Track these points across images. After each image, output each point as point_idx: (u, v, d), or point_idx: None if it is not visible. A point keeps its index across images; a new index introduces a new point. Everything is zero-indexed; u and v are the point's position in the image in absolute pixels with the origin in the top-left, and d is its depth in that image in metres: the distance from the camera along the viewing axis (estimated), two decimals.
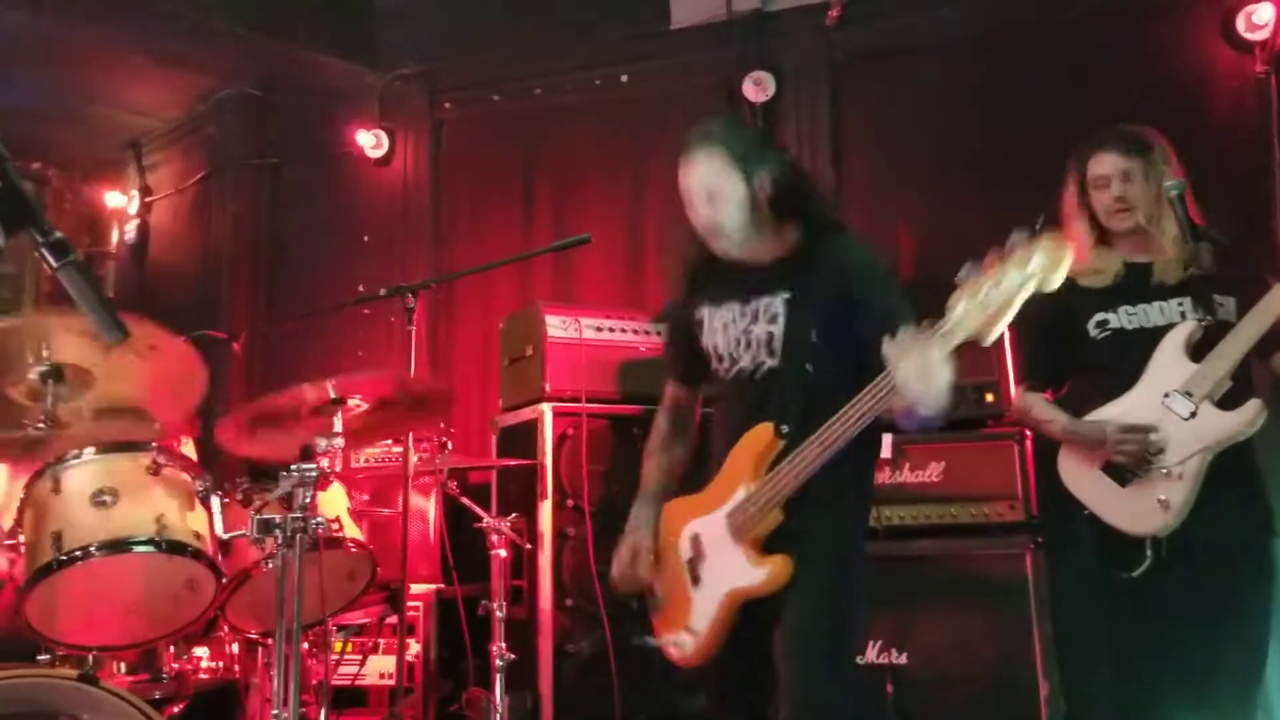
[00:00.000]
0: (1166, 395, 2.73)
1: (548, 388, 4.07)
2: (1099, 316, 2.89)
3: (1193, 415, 2.70)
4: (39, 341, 2.46)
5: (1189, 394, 2.71)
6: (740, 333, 2.54)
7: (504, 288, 5.21)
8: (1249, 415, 2.68)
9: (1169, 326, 2.82)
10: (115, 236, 6.58)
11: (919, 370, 2.07)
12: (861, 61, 4.97)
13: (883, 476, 3.83)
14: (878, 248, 4.68)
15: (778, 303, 2.49)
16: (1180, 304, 2.84)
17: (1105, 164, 2.92)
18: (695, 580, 2.51)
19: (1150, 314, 2.86)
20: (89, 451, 2.77)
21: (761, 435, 2.44)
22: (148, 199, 6.42)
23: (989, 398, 3.78)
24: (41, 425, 2.42)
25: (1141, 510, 2.72)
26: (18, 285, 6.10)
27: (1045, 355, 3.03)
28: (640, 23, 5.34)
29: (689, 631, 2.49)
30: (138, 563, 2.72)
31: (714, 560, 2.48)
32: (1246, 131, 4.25)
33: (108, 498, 2.69)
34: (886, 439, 3.85)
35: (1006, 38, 4.71)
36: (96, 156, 6.49)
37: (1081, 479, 2.85)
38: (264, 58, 5.54)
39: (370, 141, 5.62)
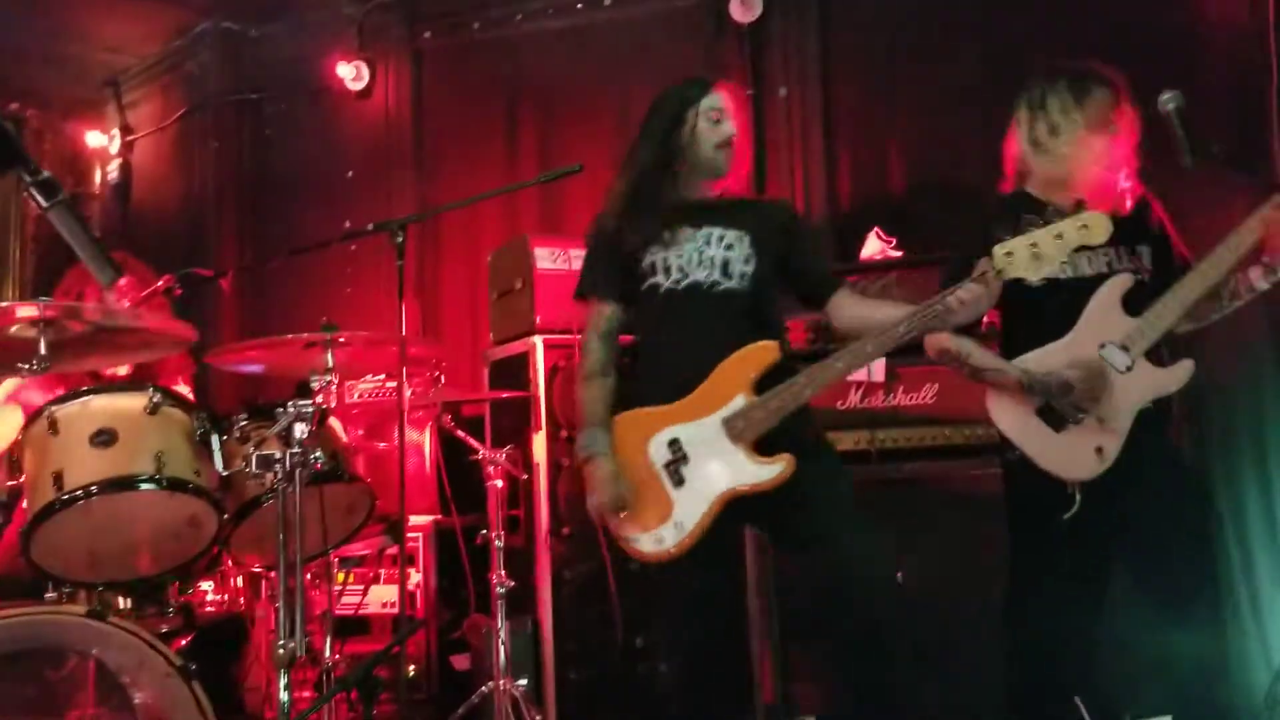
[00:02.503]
0: (1103, 346, 2.81)
1: (538, 320, 4.07)
2: None
3: (1128, 369, 2.80)
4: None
5: (1126, 348, 2.80)
6: (693, 250, 2.76)
7: (490, 220, 5.19)
8: (1181, 375, 2.83)
9: (1098, 277, 2.88)
10: (98, 177, 6.50)
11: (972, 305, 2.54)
12: None
13: (876, 400, 3.87)
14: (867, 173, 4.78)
15: (732, 234, 2.78)
16: (1106, 254, 2.89)
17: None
18: (678, 481, 2.67)
19: (1080, 264, 2.90)
20: (85, 391, 2.77)
21: (763, 353, 2.68)
22: (129, 138, 6.35)
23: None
24: (35, 366, 2.41)
25: (1076, 457, 2.82)
26: (4, 229, 6.05)
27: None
28: None
29: (673, 526, 2.66)
30: (139, 500, 2.74)
31: (703, 462, 2.66)
32: (1243, 40, 4.21)
33: (107, 437, 2.70)
34: (879, 363, 3.90)
35: None
36: (75, 96, 6.40)
37: (1014, 422, 2.90)
38: None
39: (350, 73, 5.56)
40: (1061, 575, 2.93)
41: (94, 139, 6.44)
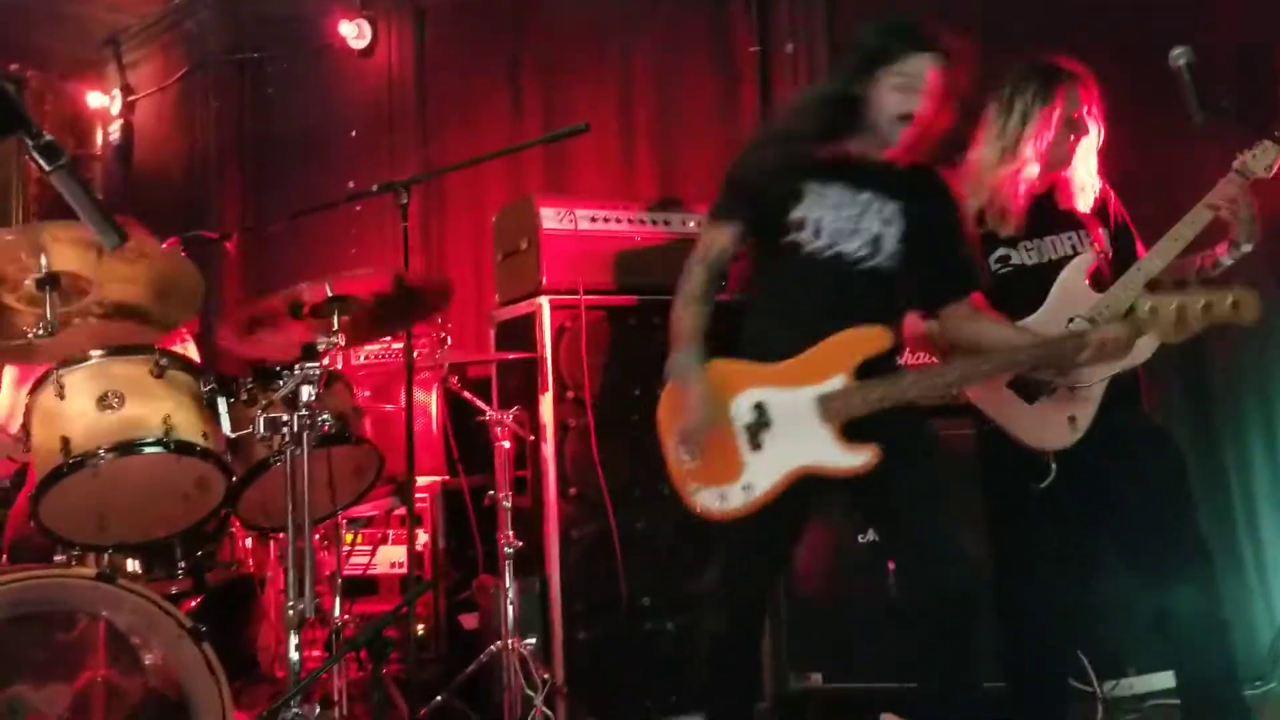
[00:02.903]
0: (1072, 320, 2.85)
1: (544, 281, 4.05)
2: (1000, 252, 2.99)
3: None
4: (35, 250, 2.44)
5: (1094, 321, 2.82)
6: (849, 219, 2.63)
7: (495, 180, 5.16)
8: (1148, 345, 2.81)
9: (1063, 260, 2.93)
10: (99, 138, 6.48)
11: (1112, 348, 2.61)
12: None
13: None
14: None
15: (891, 208, 2.65)
16: (1070, 238, 2.96)
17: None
18: (756, 445, 2.61)
19: (1044, 249, 2.97)
20: (92, 356, 2.77)
21: (874, 337, 2.60)
22: (129, 98, 6.33)
23: None
24: (41, 332, 2.41)
25: (1050, 426, 2.87)
26: (6, 193, 6.03)
27: (939, 285, 2.96)
28: None
29: (742, 489, 2.60)
30: (147, 464, 2.73)
31: (786, 432, 2.59)
32: None
33: (114, 401, 2.70)
34: None
35: None
36: (75, 56, 6.37)
37: (987, 394, 2.93)
38: None
39: (352, 32, 5.52)
40: (1046, 547, 2.98)
41: (95, 99, 6.43)
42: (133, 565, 2.95)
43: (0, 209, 6.01)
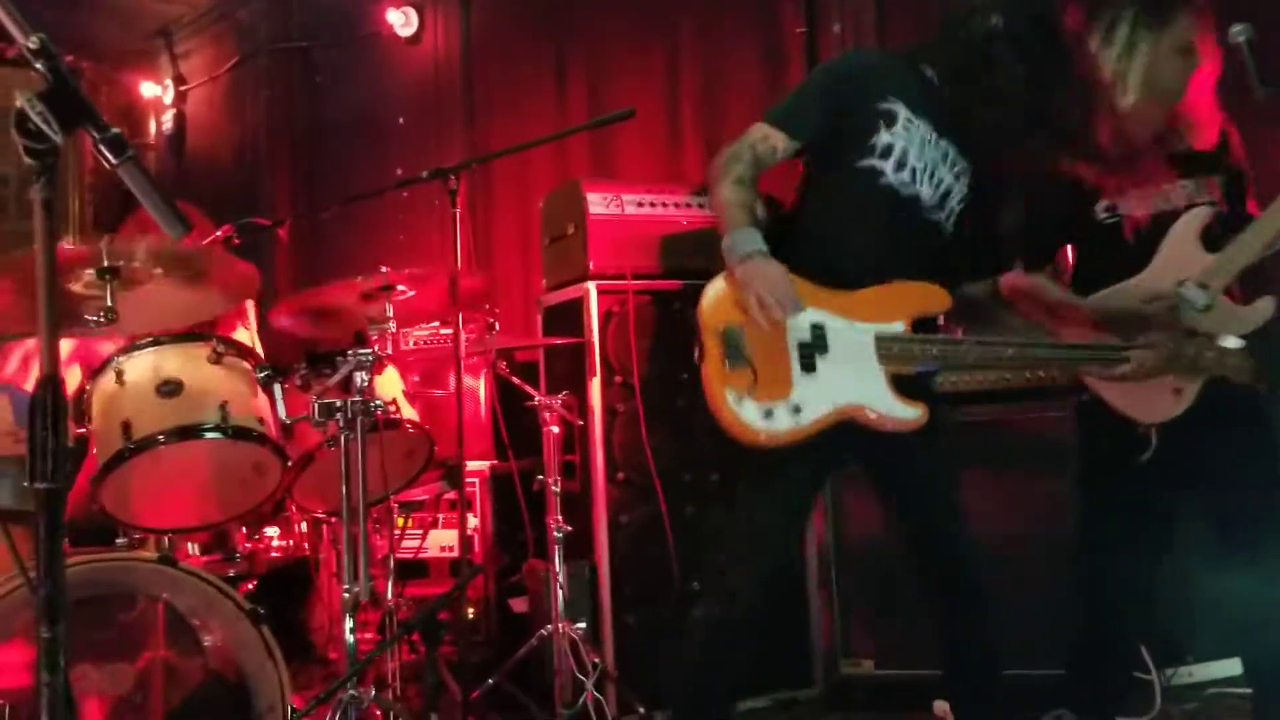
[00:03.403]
0: (1180, 283, 2.67)
1: (591, 265, 4.06)
2: (1108, 200, 2.81)
3: (1207, 308, 2.66)
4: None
5: (1204, 285, 2.65)
6: (931, 161, 2.53)
7: (541, 165, 5.17)
8: (1264, 310, 2.69)
9: (1174, 212, 2.75)
10: (153, 127, 6.57)
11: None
12: None
13: None
14: None
15: (963, 163, 2.57)
16: (1185, 187, 2.78)
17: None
18: (808, 366, 2.43)
19: (1156, 198, 2.78)
20: (149, 343, 2.82)
21: (938, 297, 2.53)
22: (182, 88, 6.41)
23: None
24: (101, 319, 2.45)
25: (1154, 399, 2.72)
26: (63, 194, 6.12)
27: (1045, 235, 2.93)
28: None
29: (792, 409, 2.41)
30: (205, 448, 2.79)
31: (841, 362, 2.44)
32: None
33: (172, 387, 2.75)
34: None
35: None
36: (128, 46, 6.46)
37: None
38: None
39: (400, 19, 5.54)
40: (1130, 517, 2.85)
41: (148, 90, 6.51)
42: (192, 548, 3.00)
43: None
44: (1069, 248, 3.01)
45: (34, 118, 1.22)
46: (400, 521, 4.07)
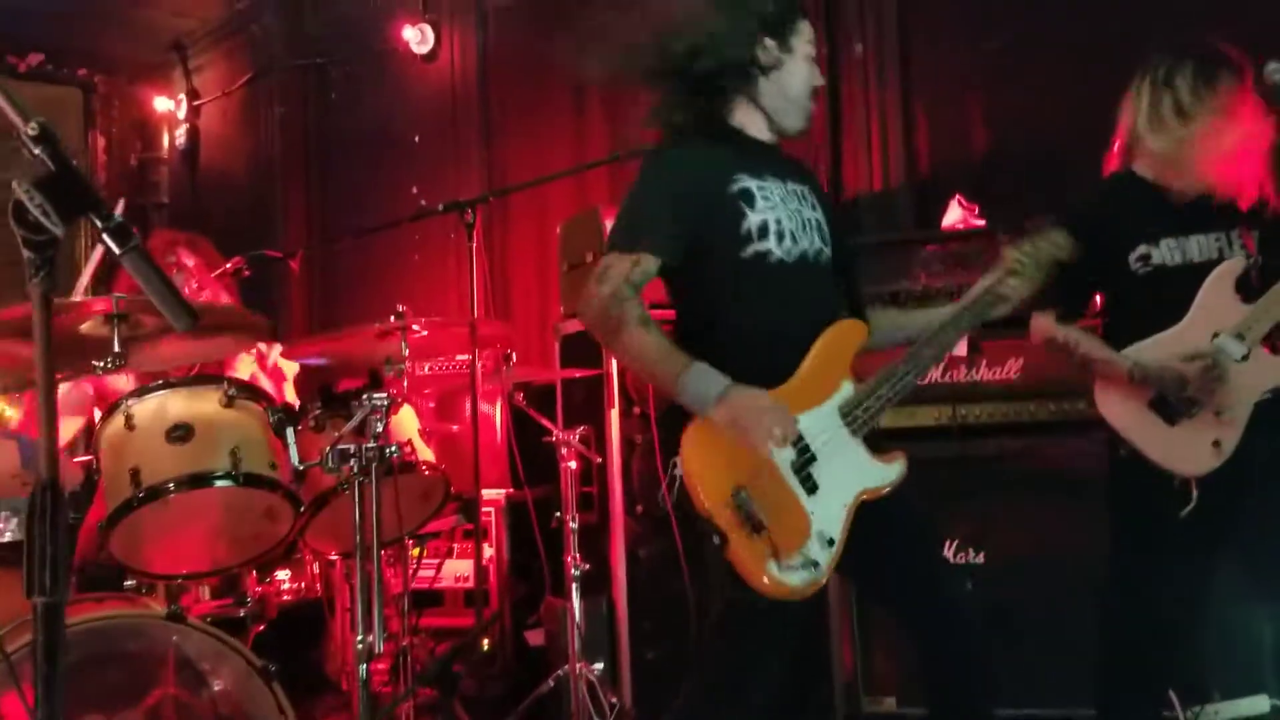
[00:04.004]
0: (1216, 335, 2.67)
1: None
2: (1141, 250, 2.77)
3: (1244, 358, 2.65)
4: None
5: (1241, 336, 2.65)
6: (795, 212, 2.34)
7: (559, 190, 5.08)
8: None
9: (1209, 263, 2.73)
10: (166, 142, 6.52)
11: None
12: None
13: (957, 374, 3.75)
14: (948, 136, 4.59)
15: (808, 189, 2.42)
16: (1218, 239, 2.75)
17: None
18: (810, 487, 2.20)
19: (1189, 249, 2.75)
20: (159, 386, 2.76)
21: (856, 332, 2.36)
22: (195, 103, 6.36)
23: None
24: (108, 364, 2.39)
25: (1193, 451, 2.69)
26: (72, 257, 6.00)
27: (1078, 283, 2.87)
28: None
29: (824, 543, 2.18)
30: (216, 496, 2.74)
31: (831, 460, 2.23)
32: None
33: (182, 432, 2.69)
34: None
35: None
36: (141, 60, 6.41)
37: (1125, 414, 2.77)
38: None
39: (416, 36, 5.47)
40: (1168, 572, 2.79)
41: (161, 104, 6.46)
42: (202, 593, 2.95)
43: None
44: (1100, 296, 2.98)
45: (32, 210, 1.15)
46: (415, 552, 4.01)
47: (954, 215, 4.11)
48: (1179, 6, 4.11)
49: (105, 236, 1.21)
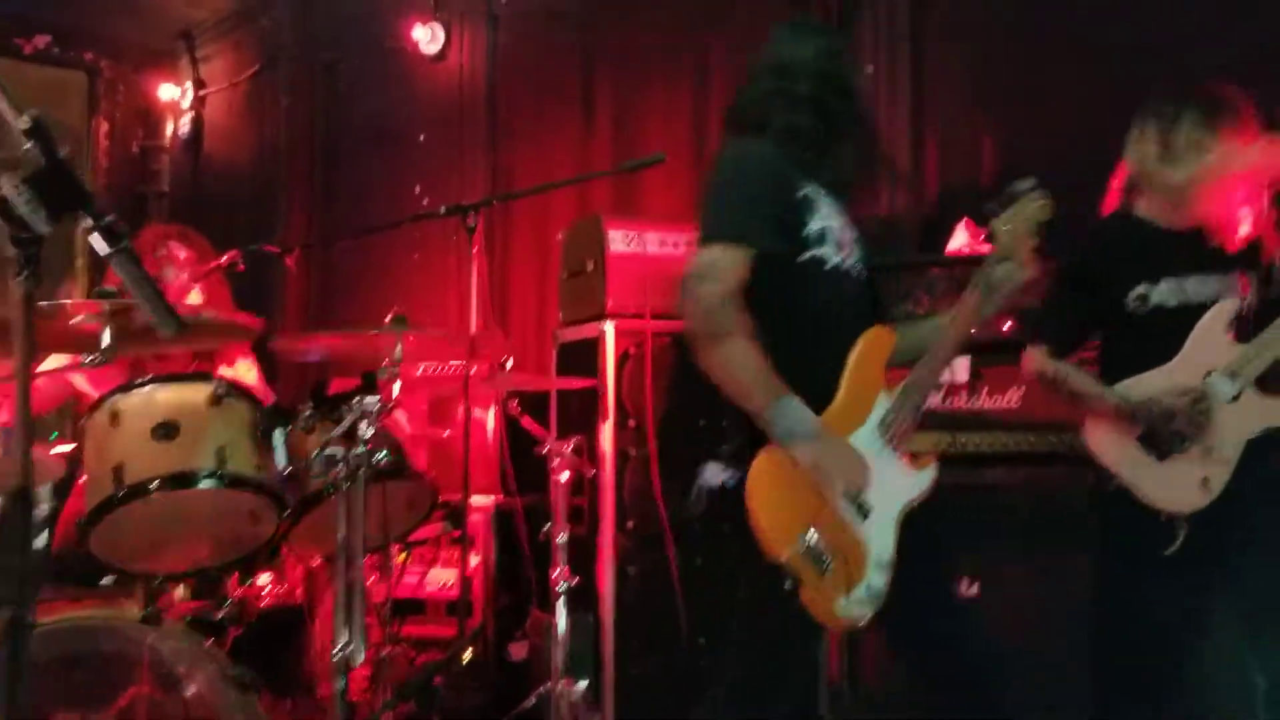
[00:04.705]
0: (1208, 374, 2.67)
1: (609, 304, 3.95)
2: (1139, 290, 2.78)
3: (1235, 398, 2.65)
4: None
5: (1233, 376, 2.65)
6: (843, 226, 2.38)
7: (562, 196, 5.04)
8: None
9: (1205, 305, 2.72)
10: (170, 130, 6.46)
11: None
12: None
13: (958, 400, 3.72)
14: (957, 160, 4.56)
15: (843, 205, 2.44)
16: (1216, 281, 2.74)
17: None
18: (864, 511, 2.21)
19: (1187, 289, 2.75)
20: (148, 382, 2.71)
21: (885, 339, 2.34)
22: (201, 92, 6.31)
23: None
24: (96, 359, 2.34)
25: (1182, 488, 2.68)
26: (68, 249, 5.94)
27: (1073, 320, 2.93)
28: None
29: (880, 569, 2.20)
30: (199, 496, 2.68)
31: (879, 480, 2.23)
32: None
33: (168, 430, 2.64)
34: (963, 362, 3.74)
35: None
36: (149, 47, 6.36)
37: (1114, 450, 2.76)
38: None
39: (425, 36, 5.43)
40: (1157, 609, 2.78)
41: (166, 92, 6.40)
42: (181, 592, 2.90)
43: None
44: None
45: (20, 207, 1.10)
46: (401, 558, 3.95)
47: (960, 239, 4.07)
48: (1191, 44, 4.10)
49: (95, 235, 1.16)
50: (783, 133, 2.35)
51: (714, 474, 2.29)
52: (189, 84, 6.28)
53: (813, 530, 2.13)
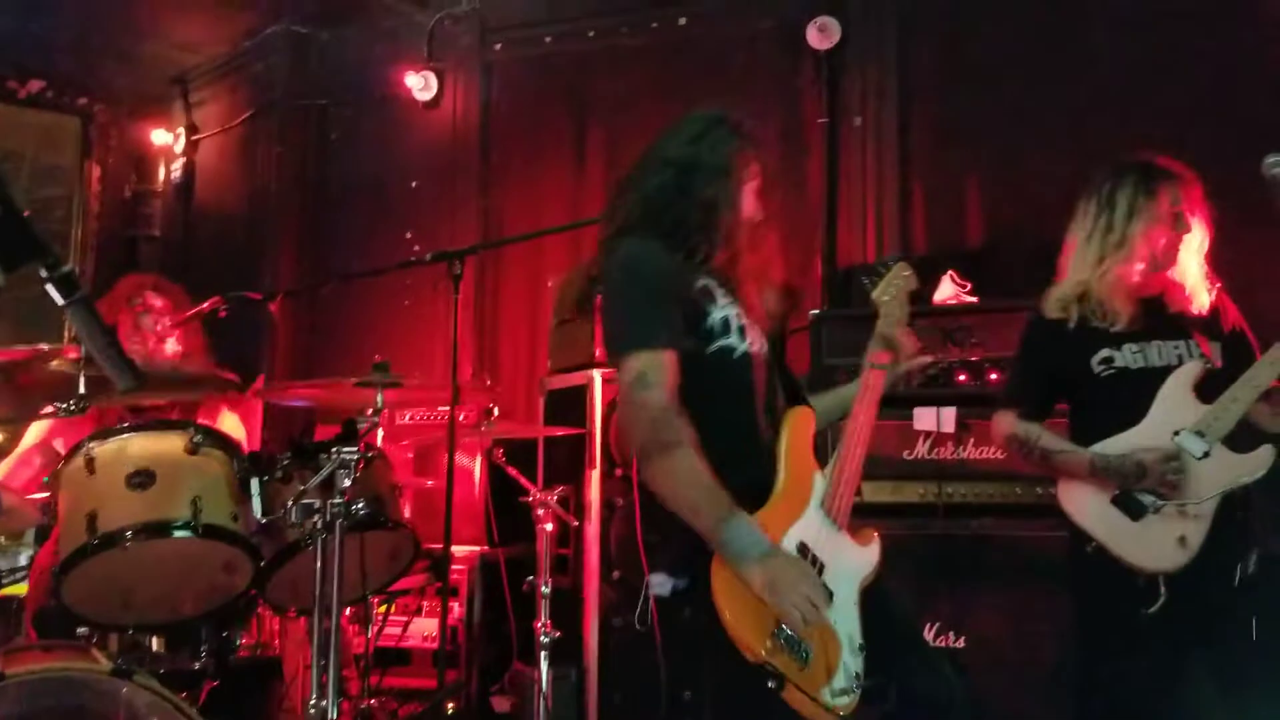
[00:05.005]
0: (1177, 433, 2.71)
1: (598, 353, 3.94)
2: (1104, 353, 2.85)
3: (1205, 455, 2.68)
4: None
5: (1201, 434, 2.69)
6: (738, 313, 2.31)
7: (554, 244, 5.05)
8: (1264, 458, 2.69)
9: (1168, 368, 2.79)
10: (161, 175, 6.47)
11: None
12: (931, 7, 4.71)
13: (945, 452, 3.71)
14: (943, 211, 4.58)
15: (732, 284, 2.37)
16: (1176, 347, 2.82)
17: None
18: (828, 596, 2.11)
19: (1150, 354, 2.82)
20: (125, 429, 2.69)
21: (808, 419, 2.31)
22: (194, 137, 6.30)
23: None
24: (72, 407, 2.32)
25: (1158, 547, 2.69)
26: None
27: (1041, 385, 2.98)
28: None
29: (854, 651, 2.15)
30: (174, 547, 2.65)
31: (833, 563, 2.18)
32: None
33: (143, 479, 2.61)
34: (950, 413, 3.73)
35: None
36: (142, 92, 6.35)
37: (1090, 511, 2.79)
38: None
39: (419, 83, 5.44)
40: (1137, 670, 2.76)
41: (159, 136, 6.40)
42: (155, 644, 2.85)
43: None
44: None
45: None
46: (382, 609, 3.90)
47: (946, 291, 4.09)
48: (1172, 99, 4.15)
49: (49, 287, 1.14)
50: (670, 228, 2.28)
51: (662, 584, 2.23)
52: (182, 129, 6.28)
53: (783, 624, 2.05)
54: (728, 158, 2.34)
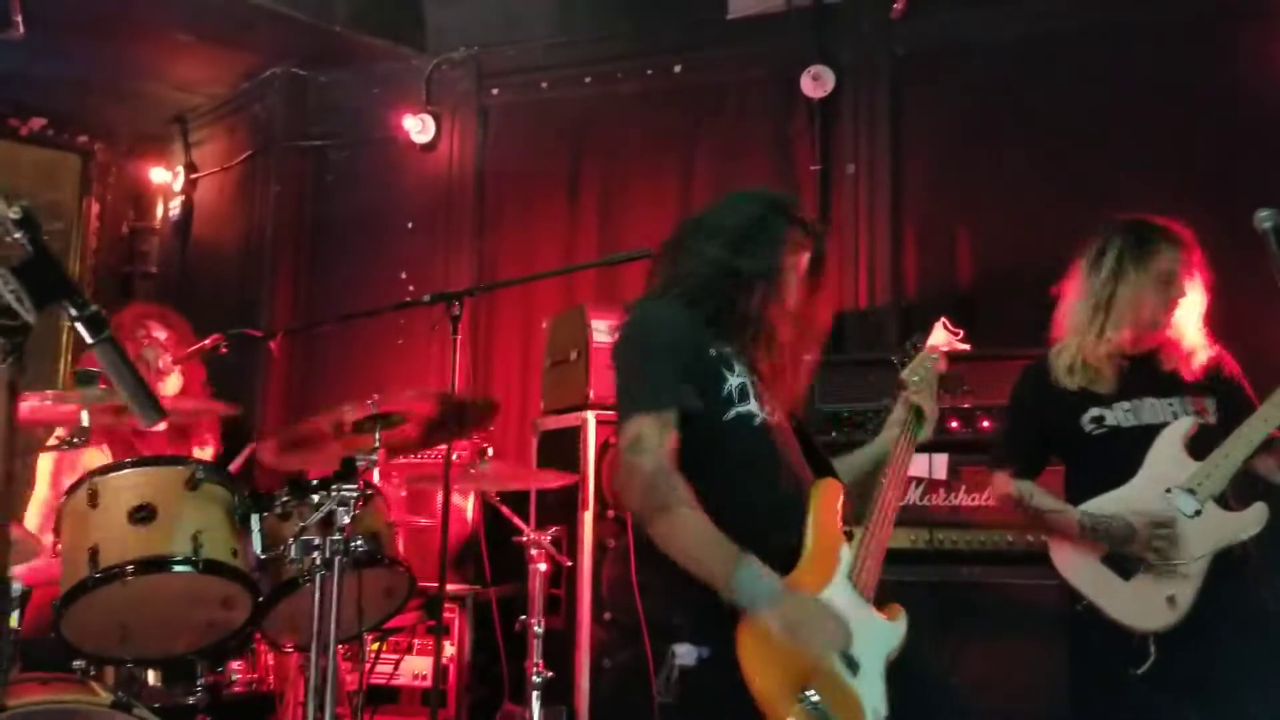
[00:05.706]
0: (1168, 490, 2.72)
1: (591, 394, 3.98)
2: (1094, 412, 2.87)
3: (1197, 513, 2.69)
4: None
5: (1193, 491, 2.70)
6: (755, 381, 2.31)
7: (548, 286, 5.10)
8: (1256, 517, 2.70)
9: (1159, 425, 2.80)
10: (160, 212, 6.52)
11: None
12: (924, 57, 4.80)
13: (937, 498, 3.74)
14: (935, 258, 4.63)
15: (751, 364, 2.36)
16: (1170, 404, 2.83)
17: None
18: (853, 666, 2.13)
19: (1142, 411, 2.84)
20: (128, 464, 2.71)
21: (835, 490, 2.31)
22: (192, 176, 6.36)
23: None
24: (76, 440, 2.35)
25: (1148, 606, 2.70)
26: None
27: (1033, 443, 3.01)
28: (696, 11, 5.21)
29: (880, 715, 2.14)
30: (174, 581, 2.66)
31: (860, 634, 2.13)
32: None
33: (145, 514, 2.63)
34: (941, 460, 3.76)
35: (1076, 35, 4.53)
36: (142, 131, 6.42)
37: (1080, 570, 2.81)
38: (311, 38, 5.43)
39: (416, 126, 5.52)
40: None
41: (158, 175, 6.46)
42: (151, 677, 2.86)
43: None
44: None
45: (5, 295, 1.13)
46: (375, 647, 3.91)
47: (938, 338, 4.11)
48: (1165, 148, 4.23)
49: (79, 325, 1.18)
50: (701, 296, 2.27)
51: (687, 654, 2.14)
52: (180, 167, 6.34)
53: (809, 690, 2.03)
54: (780, 247, 2.33)
